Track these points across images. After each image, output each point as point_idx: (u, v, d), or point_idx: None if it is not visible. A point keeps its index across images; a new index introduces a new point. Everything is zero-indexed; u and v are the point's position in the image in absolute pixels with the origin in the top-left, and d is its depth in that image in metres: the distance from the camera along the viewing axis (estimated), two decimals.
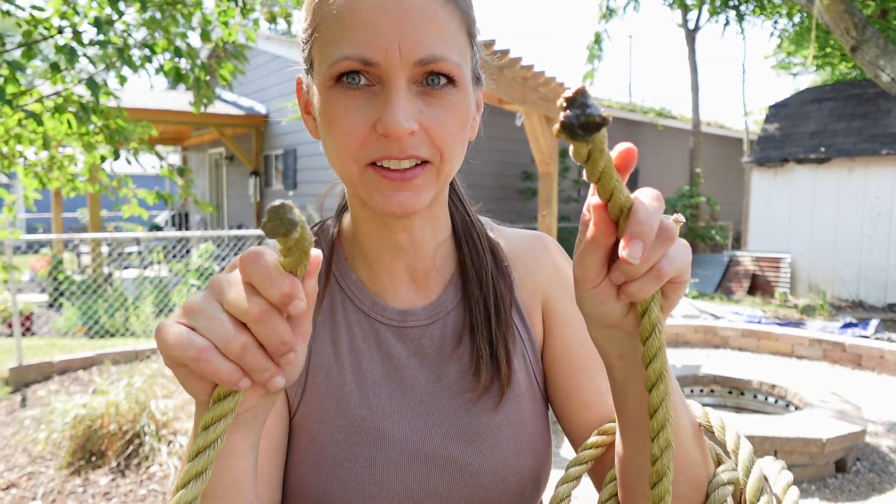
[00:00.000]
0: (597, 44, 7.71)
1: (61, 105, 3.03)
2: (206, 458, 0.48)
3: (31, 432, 3.87)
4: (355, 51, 0.62)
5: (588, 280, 0.50)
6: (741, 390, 4.65)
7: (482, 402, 0.76)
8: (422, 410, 0.75)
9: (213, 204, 15.05)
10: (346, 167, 0.66)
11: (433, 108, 0.65)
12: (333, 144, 0.66)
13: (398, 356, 0.77)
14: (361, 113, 0.64)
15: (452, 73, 0.65)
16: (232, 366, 0.46)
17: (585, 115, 0.42)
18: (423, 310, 0.78)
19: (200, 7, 3.24)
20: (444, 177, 0.68)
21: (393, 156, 0.64)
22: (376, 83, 0.64)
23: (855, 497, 3.37)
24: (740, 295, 10.53)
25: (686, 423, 0.62)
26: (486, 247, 0.82)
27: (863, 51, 5.08)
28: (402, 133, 0.62)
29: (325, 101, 0.66)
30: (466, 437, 0.74)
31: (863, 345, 6.01)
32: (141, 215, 3.67)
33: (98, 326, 6.95)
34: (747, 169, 11.41)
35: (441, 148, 0.66)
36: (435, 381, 0.76)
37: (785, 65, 18.03)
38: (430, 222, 0.77)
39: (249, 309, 0.45)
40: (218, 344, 0.45)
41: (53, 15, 2.86)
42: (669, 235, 0.47)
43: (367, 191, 0.66)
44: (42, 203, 16.97)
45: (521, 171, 11.58)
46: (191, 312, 0.47)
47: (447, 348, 0.78)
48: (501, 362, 0.76)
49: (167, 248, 10.31)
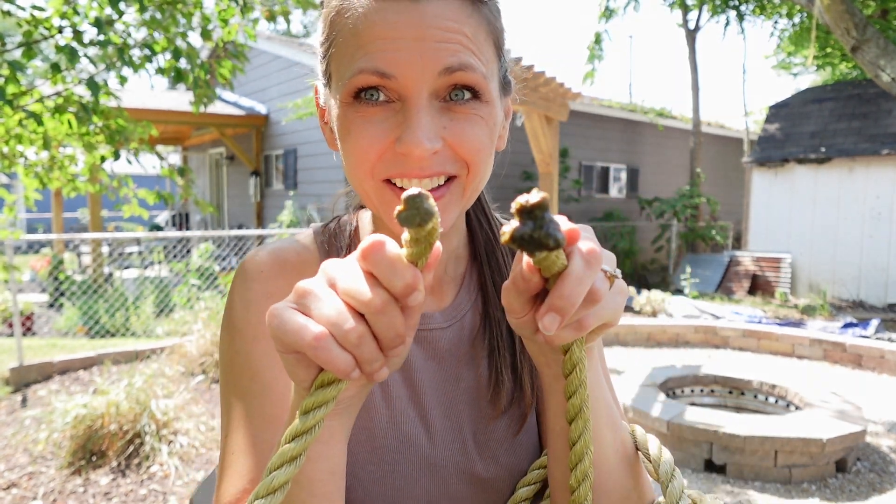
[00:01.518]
0: (597, 44, 7.70)
1: (62, 105, 3.03)
2: (303, 443, 0.47)
3: (32, 432, 3.87)
4: (372, 64, 0.59)
5: (514, 312, 0.51)
6: (741, 390, 4.65)
7: (503, 422, 0.75)
8: (440, 414, 0.74)
9: (214, 204, 15.05)
10: (361, 181, 0.64)
11: (458, 123, 0.62)
12: (350, 158, 0.64)
13: (416, 359, 0.75)
14: (380, 129, 0.61)
15: (478, 85, 0.61)
16: (348, 356, 0.45)
17: (539, 233, 0.42)
18: (441, 314, 0.77)
19: (200, 7, 3.24)
20: (471, 192, 0.65)
21: (412, 174, 0.61)
22: (396, 99, 0.61)
23: (855, 497, 3.37)
24: (741, 295, 10.53)
25: (611, 453, 0.63)
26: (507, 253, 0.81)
27: (863, 51, 5.08)
28: (423, 154, 0.59)
29: (342, 116, 0.63)
30: (487, 451, 0.74)
31: (863, 345, 6.01)
32: (141, 215, 3.68)
33: (98, 326, 6.95)
34: (747, 169, 11.40)
35: (468, 161, 0.63)
36: (453, 384, 0.76)
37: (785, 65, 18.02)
38: (450, 232, 0.75)
39: (372, 300, 0.44)
40: (335, 333, 0.44)
41: (54, 15, 2.87)
42: (596, 299, 0.47)
43: (385, 211, 0.64)
44: (42, 203, 16.99)
45: (521, 171, 11.58)
46: (307, 297, 0.46)
47: (464, 351, 0.77)
48: (526, 389, 0.75)
49: (168, 248, 10.32)
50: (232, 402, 0.70)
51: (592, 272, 0.46)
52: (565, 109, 6.69)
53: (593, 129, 13.06)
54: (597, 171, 13.29)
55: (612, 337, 6.85)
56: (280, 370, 0.69)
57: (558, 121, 6.63)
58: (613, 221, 12.67)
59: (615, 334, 6.86)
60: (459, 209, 0.65)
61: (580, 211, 12.64)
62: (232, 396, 0.70)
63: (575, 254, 0.46)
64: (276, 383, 0.69)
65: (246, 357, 0.70)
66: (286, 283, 0.73)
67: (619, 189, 13.84)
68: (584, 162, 12.94)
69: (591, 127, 12.97)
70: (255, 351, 0.70)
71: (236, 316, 0.72)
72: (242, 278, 0.74)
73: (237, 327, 0.72)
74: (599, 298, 0.48)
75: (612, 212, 12.96)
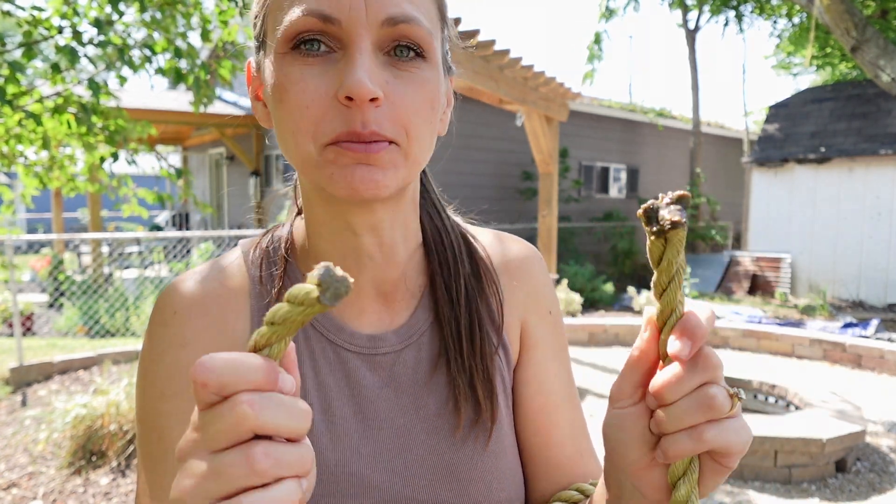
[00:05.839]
0: (597, 44, 7.71)
1: (61, 105, 3.03)
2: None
3: (32, 432, 3.87)
4: (314, 5, 0.54)
5: (622, 397, 0.48)
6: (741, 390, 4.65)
7: (468, 441, 0.67)
8: (399, 448, 0.66)
9: (214, 204, 15.05)
10: (301, 147, 0.57)
11: (400, 81, 0.57)
12: (288, 120, 0.57)
13: (370, 388, 0.66)
14: (321, 81, 0.55)
15: (423, 41, 0.57)
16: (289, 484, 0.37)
17: (667, 210, 0.43)
18: (395, 333, 0.68)
19: (200, 7, 3.24)
20: (411, 161, 0.59)
21: (356, 130, 0.54)
22: (337, 49, 0.56)
23: (855, 497, 3.37)
24: (740, 295, 10.53)
25: None
26: (460, 256, 0.72)
27: (863, 51, 5.08)
28: (365, 95, 0.53)
29: (278, 71, 0.57)
30: (453, 478, 0.66)
31: (863, 345, 6.01)
32: (141, 214, 3.68)
33: (98, 326, 6.95)
34: (747, 169, 11.41)
35: (407, 126, 0.57)
36: (413, 414, 0.67)
37: (785, 65, 18.04)
38: (400, 226, 0.67)
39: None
40: None
41: (53, 15, 2.87)
42: (713, 405, 0.44)
43: (324, 171, 0.57)
44: (42, 203, 16.99)
45: (521, 171, 11.58)
46: None
47: (423, 375, 0.68)
48: (480, 396, 0.67)
49: (167, 248, 10.32)
50: (141, 454, 0.63)
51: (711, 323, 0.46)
52: (565, 109, 6.69)
53: (593, 129, 13.06)
54: (597, 171, 13.29)
55: (612, 337, 6.85)
56: None
57: (558, 121, 6.63)
58: (613, 221, 12.67)
59: (615, 334, 6.86)
60: (402, 178, 0.59)
61: (580, 211, 12.65)
62: (140, 450, 0.63)
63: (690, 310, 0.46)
64: None
65: (153, 416, 0.61)
66: (207, 326, 0.64)
67: (619, 189, 13.84)
68: (584, 162, 12.94)
69: (591, 127, 12.97)
70: (162, 410, 0.61)
71: (146, 367, 0.63)
72: (155, 321, 0.64)
73: (147, 379, 0.62)
74: (717, 405, 0.44)
75: (611, 212, 12.97)
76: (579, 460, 0.74)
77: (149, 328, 0.65)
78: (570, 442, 0.73)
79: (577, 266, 10.35)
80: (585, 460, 0.74)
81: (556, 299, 0.79)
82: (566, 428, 0.74)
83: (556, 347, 0.76)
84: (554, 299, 0.78)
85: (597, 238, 12.45)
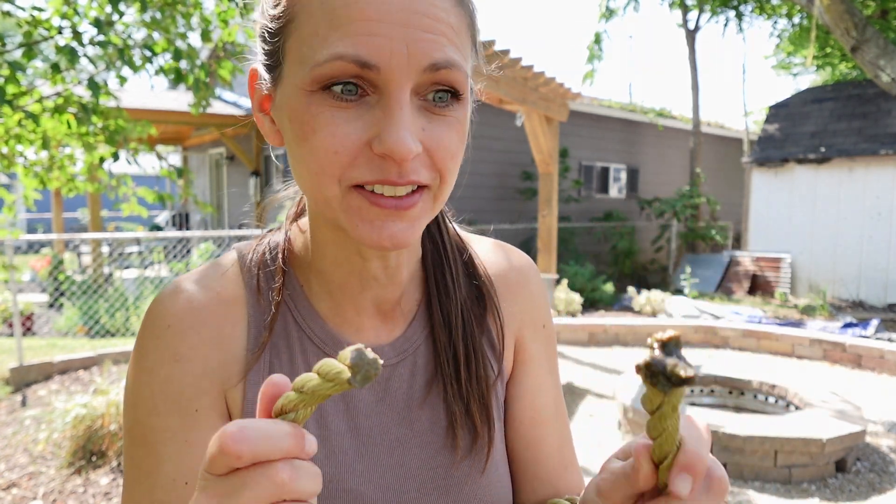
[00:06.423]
0: (597, 44, 7.71)
1: (61, 105, 3.03)
2: None
3: (32, 432, 3.87)
4: (351, 50, 0.50)
5: (611, 498, 0.48)
6: (741, 390, 4.65)
7: (465, 463, 0.67)
8: (393, 464, 0.65)
9: (214, 204, 15.05)
10: (324, 188, 0.54)
11: (436, 126, 0.54)
12: (311, 161, 0.53)
13: (364, 402, 0.66)
14: (354, 127, 0.52)
15: (461, 85, 0.54)
16: None
17: (673, 366, 0.41)
18: (391, 346, 0.67)
19: (200, 7, 3.24)
20: (439, 203, 0.58)
21: (391, 180, 0.52)
22: (371, 92, 0.52)
23: (855, 497, 3.38)
24: (740, 295, 10.53)
25: None
26: (457, 280, 0.71)
27: (863, 51, 5.08)
28: (406, 155, 0.51)
29: (304, 108, 0.53)
30: (446, 495, 0.66)
31: (863, 345, 6.01)
32: (141, 214, 3.68)
33: (98, 326, 6.95)
34: (747, 169, 11.41)
35: (442, 171, 0.56)
36: (406, 428, 0.66)
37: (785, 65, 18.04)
38: (406, 249, 0.66)
39: None
40: None
41: (53, 15, 2.87)
42: (723, 488, 0.44)
43: (350, 218, 0.55)
44: (42, 203, 16.99)
45: (521, 171, 11.57)
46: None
47: (418, 391, 0.68)
48: (477, 423, 0.67)
49: (168, 248, 10.32)
50: (127, 468, 0.62)
51: (708, 444, 0.45)
52: (565, 109, 6.69)
53: (593, 129, 13.06)
54: (597, 171, 13.29)
55: (612, 337, 6.86)
56: (177, 450, 0.59)
57: (558, 121, 6.63)
58: (613, 221, 12.67)
59: (615, 334, 6.86)
60: (427, 221, 0.58)
61: (580, 211, 12.65)
62: (127, 462, 0.62)
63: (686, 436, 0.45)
64: (169, 464, 0.59)
65: (144, 430, 0.60)
66: (203, 341, 0.62)
67: (619, 189, 13.84)
68: (584, 162, 12.94)
69: (591, 127, 12.97)
70: (154, 425, 0.59)
71: (137, 379, 0.61)
72: (147, 334, 0.62)
73: (138, 393, 0.61)
74: (726, 486, 0.45)
75: (611, 212, 12.97)
76: (564, 473, 0.75)
77: (140, 339, 0.62)
78: (558, 455, 0.74)
79: (577, 266, 10.35)
80: (570, 473, 0.76)
81: (550, 313, 0.79)
82: (554, 441, 0.74)
83: (549, 362, 0.77)
84: (548, 313, 0.79)
85: (597, 238, 12.45)
